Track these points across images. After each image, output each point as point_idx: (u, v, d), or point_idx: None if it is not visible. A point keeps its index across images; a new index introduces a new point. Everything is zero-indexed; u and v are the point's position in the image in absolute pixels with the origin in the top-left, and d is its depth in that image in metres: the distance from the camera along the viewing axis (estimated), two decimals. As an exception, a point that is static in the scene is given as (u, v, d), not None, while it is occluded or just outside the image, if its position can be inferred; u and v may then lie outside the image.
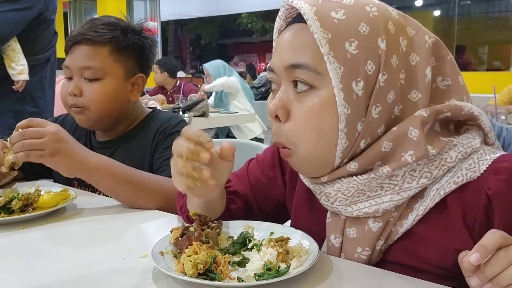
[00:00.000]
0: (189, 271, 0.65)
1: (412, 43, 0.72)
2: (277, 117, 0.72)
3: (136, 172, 1.08)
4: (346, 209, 0.73)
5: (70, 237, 0.90)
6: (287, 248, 0.73)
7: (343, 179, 0.72)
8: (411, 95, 0.72)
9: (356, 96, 0.67)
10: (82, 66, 1.19)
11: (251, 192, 0.94)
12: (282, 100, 0.71)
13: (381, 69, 0.68)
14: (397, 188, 0.70)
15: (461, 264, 0.58)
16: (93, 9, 9.86)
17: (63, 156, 0.99)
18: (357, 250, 0.74)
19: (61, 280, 0.70)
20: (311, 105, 0.68)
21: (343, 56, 0.66)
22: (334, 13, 0.68)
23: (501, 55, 10.20)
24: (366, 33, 0.67)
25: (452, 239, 0.69)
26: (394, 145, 0.70)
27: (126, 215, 1.03)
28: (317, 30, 0.66)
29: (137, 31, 1.28)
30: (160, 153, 1.22)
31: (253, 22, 18.20)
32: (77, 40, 1.21)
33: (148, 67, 1.33)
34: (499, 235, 0.56)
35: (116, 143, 1.30)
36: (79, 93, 1.20)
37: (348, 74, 0.66)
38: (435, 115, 0.70)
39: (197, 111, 3.50)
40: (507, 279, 0.54)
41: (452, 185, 0.69)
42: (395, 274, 0.70)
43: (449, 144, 0.69)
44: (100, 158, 1.06)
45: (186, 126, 0.74)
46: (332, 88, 0.67)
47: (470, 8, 11.66)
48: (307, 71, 0.68)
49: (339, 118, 0.67)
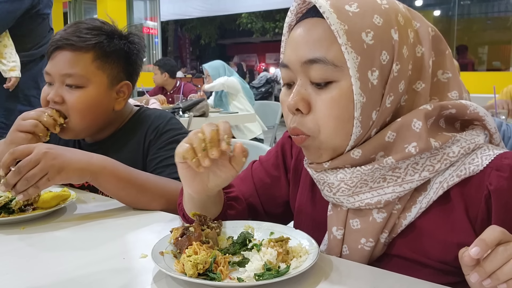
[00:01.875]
0: (189, 271, 0.65)
1: (418, 34, 0.75)
2: (297, 110, 0.73)
3: (140, 174, 1.07)
4: (348, 200, 0.74)
5: (70, 237, 0.90)
6: (287, 248, 0.73)
7: (346, 169, 0.73)
8: (416, 85, 0.74)
9: (372, 85, 0.69)
10: (63, 73, 1.15)
11: (256, 193, 0.95)
12: (301, 94, 0.72)
13: (395, 59, 0.70)
14: (399, 180, 0.71)
15: (461, 260, 0.58)
16: (93, 9, 9.86)
17: (68, 169, 0.96)
18: (361, 241, 0.74)
19: (61, 280, 0.70)
20: (331, 96, 0.70)
21: (360, 46, 0.68)
22: (348, 7, 0.70)
23: (501, 55, 10.21)
24: (380, 24, 0.70)
25: (455, 233, 0.70)
26: (397, 136, 0.71)
27: (126, 215, 1.03)
28: (334, 22, 0.68)
29: (123, 36, 1.23)
30: (154, 153, 1.20)
31: (253, 22, 18.21)
32: (58, 45, 1.16)
33: (135, 74, 1.28)
34: (499, 231, 0.57)
35: (106, 144, 1.27)
36: (60, 100, 1.16)
37: (364, 63, 0.68)
38: (439, 110, 0.72)
39: (197, 111, 3.50)
40: (506, 274, 0.55)
41: (455, 178, 0.70)
42: (395, 274, 0.70)
43: (452, 138, 0.71)
44: (102, 159, 1.04)
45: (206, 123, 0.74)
46: (349, 78, 0.68)
47: (470, 8, 11.67)
48: (325, 65, 0.69)
49: (355, 106, 0.69)
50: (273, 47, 23.82)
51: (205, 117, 3.58)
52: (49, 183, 0.94)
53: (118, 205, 1.08)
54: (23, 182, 0.91)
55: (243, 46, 24.47)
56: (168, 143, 1.21)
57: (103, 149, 1.25)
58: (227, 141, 0.71)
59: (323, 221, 0.82)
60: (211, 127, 0.72)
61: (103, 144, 1.28)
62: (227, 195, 0.90)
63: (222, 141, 0.71)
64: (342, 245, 0.77)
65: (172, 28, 20.37)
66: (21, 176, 0.91)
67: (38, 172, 0.92)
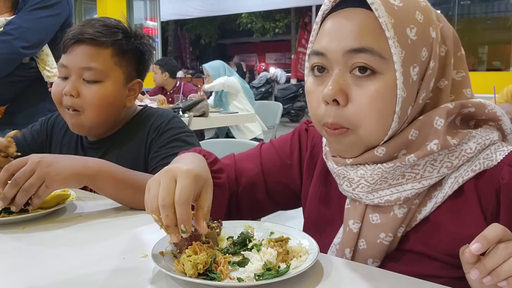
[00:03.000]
0: (189, 271, 0.65)
1: (442, 34, 0.75)
2: (334, 101, 0.71)
3: (136, 174, 1.07)
4: (367, 196, 0.74)
5: (70, 237, 0.90)
6: (287, 248, 0.73)
7: (367, 165, 0.73)
8: (439, 83, 0.75)
9: (412, 80, 0.69)
10: (82, 67, 1.16)
11: (262, 172, 0.94)
12: (339, 84, 0.71)
13: (432, 56, 0.71)
14: (418, 177, 0.72)
15: (462, 256, 0.59)
16: (93, 9, 9.85)
17: (64, 174, 0.95)
18: (380, 236, 0.74)
19: (61, 280, 0.70)
20: (375, 88, 0.69)
21: (404, 41, 0.68)
22: (392, 1, 0.70)
23: (501, 55, 10.21)
24: (422, 21, 0.70)
25: (467, 226, 0.71)
26: (419, 134, 0.72)
27: (126, 215, 1.03)
28: (383, 14, 0.68)
29: (138, 36, 1.26)
30: (155, 152, 1.20)
31: (253, 22, 18.20)
32: (79, 38, 1.17)
33: (145, 73, 1.31)
34: (501, 229, 0.58)
35: (108, 142, 1.28)
36: (76, 94, 1.16)
37: (408, 59, 0.68)
38: (460, 108, 0.73)
39: (197, 111, 3.50)
40: (507, 271, 0.55)
41: (470, 173, 0.71)
42: (395, 274, 0.70)
43: (468, 135, 0.72)
44: (98, 162, 1.04)
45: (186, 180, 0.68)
46: (393, 72, 0.68)
47: (470, 8, 11.67)
48: (372, 56, 0.68)
49: (397, 101, 0.69)
50: (273, 47, 23.83)
51: (205, 117, 3.59)
52: (49, 190, 0.94)
53: (118, 205, 1.08)
54: (21, 193, 0.91)
55: (243, 46, 24.46)
56: (169, 141, 1.21)
57: (105, 147, 1.26)
58: (183, 230, 0.66)
59: (335, 215, 0.83)
60: (165, 212, 0.66)
61: (105, 142, 1.28)
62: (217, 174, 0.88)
63: (179, 229, 0.66)
64: (358, 239, 0.77)
65: (172, 28, 20.36)
66: (18, 187, 0.91)
67: (35, 181, 0.91)
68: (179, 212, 0.66)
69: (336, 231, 0.82)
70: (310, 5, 14.13)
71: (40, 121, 1.45)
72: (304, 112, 11.85)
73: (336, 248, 0.81)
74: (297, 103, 11.57)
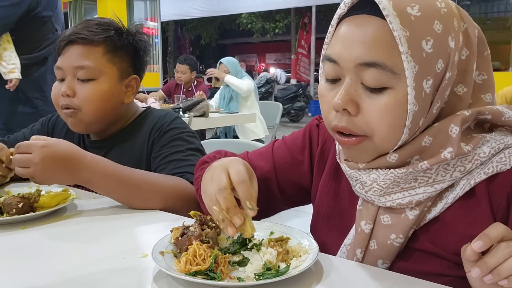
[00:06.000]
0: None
1: (465, 37, 0.72)
2: (344, 110, 0.70)
3: (134, 173, 1.07)
4: (380, 199, 0.74)
5: (70, 237, 0.90)
6: (287, 248, 0.73)
7: (379, 170, 0.73)
8: (457, 89, 0.73)
9: (424, 93, 0.67)
10: (75, 66, 1.17)
11: (274, 170, 0.95)
12: (350, 94, 0.69)
13: (449, 67, 0.68)
14: (430, 180, 0.71)
15: (463, 255, 0.59)
16: (93, 9, 9.85)
17: (53, 183, 1.03)
18: (390, 237, 0.74)
19: (61, 280, 0.70)
20: (386, 103, 0.67)
21: (419, 55, 0.66)
22: (410, 9, 0.66)
23: (501, 55, 10.20)
24: (440, 32, 0.67)
25: (476, 226, 0.70)
26: (433, 141, 0.71)
27: (126, 215, 1.03)
28: (397, 28, 0.65)
29: (131, 32, 1.27)
30: (157, 151, 1.21)
31: (253, 22, 18.20)
32: (70, 39, 1.19)
33: (142, 69, 1.31)
34: (503, 228, 0.58)
35: (110, 142, 1.28)
36: (72, 94, 1.18)
37: (421, 73, 0.66)
38: (476, 115, 0.72)
39: (197, 111, 3.50)
40: (508, 270, 0.55)
41: (483, 176, 0.70)
42: (395, 274, 0.70)
43: (482, 140, 0.71)
44: (96, 157, 1.04)
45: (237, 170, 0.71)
46: (405, 86, 0.66)
47: (469, 8, 11.66)
48: (383, 71, 0.66)
49: (408, 115, 0.67)
50: (273, 47, 23.82)
51: (205, 117, 3.59)
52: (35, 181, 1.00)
53: (118, 204, 1.08)
54: (6, 169, 1.03)
55: (243, 46, 24.46)
56: (171, 140, 1.22)
57: (107, 147, 1.27)
58: (250, 207, 0.68)
59: (345, 210, 0.83)
60: (223, 194, 0.69)
61: (107, 141, 1.29)
62: None
63: (246, 208, 0.69)
64: (369, 240, 0.77)
65: (172, 28, 20.35)
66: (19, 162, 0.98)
67: (25, 174, 0.98)
68: (241, 190, 0.69)
69: (345, 226, 0.82)
70: (310, 5, 14.14)
71: (40, 121, 1.46)
72: (304, 112, 11.84)
73: (347, 249, 0.81)
74: (297, 103, 11.57)
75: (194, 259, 0.68)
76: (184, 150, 1.20)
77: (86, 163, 1.02)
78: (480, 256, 0.59)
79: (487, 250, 0.59)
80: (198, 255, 0.68)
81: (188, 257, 0.68)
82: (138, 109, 1.35)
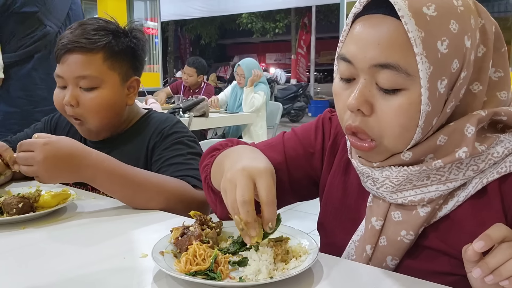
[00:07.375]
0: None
1: (482, 33, 0.72)
2: (359, 110, 0.70)
3: (138, 172, 1.07)
4: (391, 196, 0.74)
5: (70, 237, 0.90)
6: (287, 247, 0.73)
7: (392, 167, 0.73)
8: (473, 87, 0.72)
9: (439, 94, 0.67)
10: (77, 76, 1.17)
11: (285, 161, 0.94)
12: (364, 95, 0.69)
13: (464, 67, 0.68)
14: (443, 179, 0.71)
15: (464, 255, 0.59)
16: (93, 9, 9.85)
17: (55, 182, 1.04)
18: (401, 233, 0.74)
19: (61, 280, 0.70)
20: (399, 104, 0.67)
21: (434, 56, 0.65)
22: (426, 9, 0.65)
23: (501, 55, 10.20)
24: (456, 31, 0.66)
25: (486, 225, 0.69)
26: (448, 139, 0.70)
27: (126, 215, 1.03)
28: (412, 29, 0.64)
29: (127, 32, 1.25)
30: (159, 154, 1.22)
31: (253, 22, 18.21)
32: (68, 48, 1.17)
33: (141, 68, 1.31)
34: (505, 228, 0.58)
35: (111, 144, 1.29)
36: (76, 104, 1.18)
37: (436, 73, 0.65)
38: (492, 115, 0.71)
39: (197, 111, 3.50)
40: (509, 271, 0.55)
41: (495, 175, 0.70)
42: (395, 274, 0.70)
43: (496, 140, 0.71)
44: (101, 155, 1.05)
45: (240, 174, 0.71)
46: (419, 87, 0.66)
47: (470, 8, 11.66)
48: (397, 72, 0.65)
49: (421, 115, 0.67)
50: (273, 47, 23.82)
51: (205, 117, 3.59)
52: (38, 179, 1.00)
53: (118, 204, 1.08)
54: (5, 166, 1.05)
55: (243, 46, 24.46)
56: (172, 144, 1.23)
57: (107, 148, 1.26)
58: (270, 227, 0.69)
59: (353, 204, 0.82)
60: (246, 208, 0.68)
61: (108, 143, 1.29)
62: None
63: (265, 227, 0.69)
64: (379, 236, 0.77)
65: (172, 28, 20.36)
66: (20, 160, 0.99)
67: (29, 172, 0.99)
68: (267, 212, 0.69)
69: (354, 220, 0.82)
70: (310, 5, 14.14)
71: (43, 120, 1.47)
72: (304, 112, 11.85)
73: (356, 245, 0.80)
74: (297, 103, 11.58)
75: (194, 259, 0.68)
76: (185, 154, 1.21)
77: (91, 160, 1.02)
78: (481, 256, 0.59)
79: (488, 251, 0.59)
80: (198, 255, 0.68)
81: (188, 257, 0.68)
82: (139, 110, 1.35)
